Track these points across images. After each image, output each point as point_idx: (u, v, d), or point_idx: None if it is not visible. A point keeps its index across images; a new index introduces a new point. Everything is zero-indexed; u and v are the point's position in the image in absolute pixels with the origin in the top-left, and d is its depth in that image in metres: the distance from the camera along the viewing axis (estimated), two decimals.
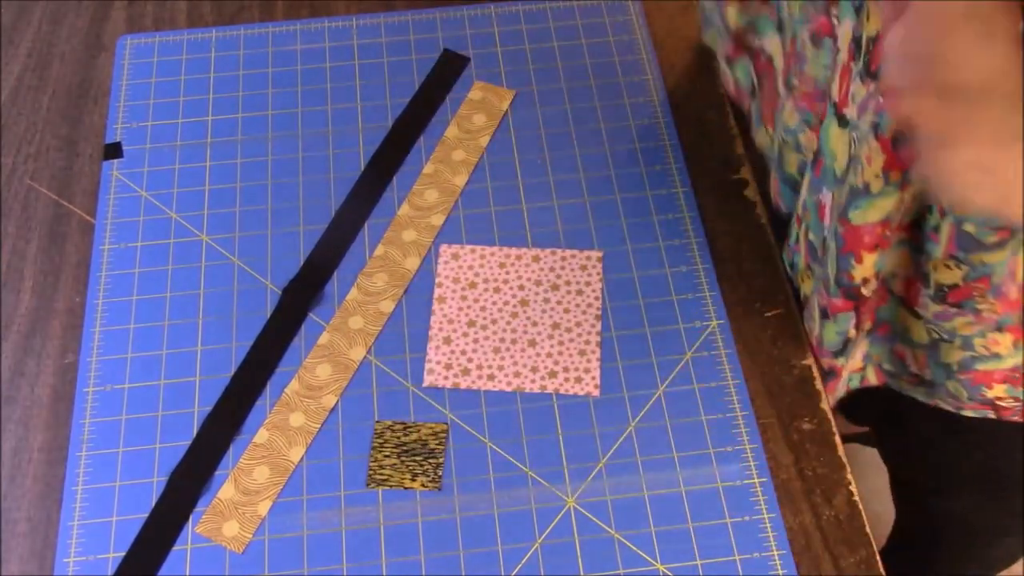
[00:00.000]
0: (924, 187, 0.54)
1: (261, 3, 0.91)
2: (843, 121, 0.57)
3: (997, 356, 0.61)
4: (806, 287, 0.69)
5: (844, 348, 0.66)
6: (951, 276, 0.57)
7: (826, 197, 0.61)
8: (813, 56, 0.62)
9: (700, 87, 0.85)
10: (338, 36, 0.88)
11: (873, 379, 0.70)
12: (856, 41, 0.54)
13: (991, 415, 0.65)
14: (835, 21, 0.57)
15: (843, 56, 0.56)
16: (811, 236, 0.65)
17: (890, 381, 0.70)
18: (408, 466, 0.67)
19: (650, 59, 0.86)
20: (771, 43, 0.69)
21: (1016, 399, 0.63)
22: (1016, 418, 0.65)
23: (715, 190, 0.79)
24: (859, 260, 0.58)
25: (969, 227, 0.53)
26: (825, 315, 0.65)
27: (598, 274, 0.75)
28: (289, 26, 0.89)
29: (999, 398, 0.63)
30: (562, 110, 0.83)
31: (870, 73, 0.53)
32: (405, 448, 0.68)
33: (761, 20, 0.70)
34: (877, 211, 0.56)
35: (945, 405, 0.67)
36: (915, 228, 0.58)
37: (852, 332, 0.64)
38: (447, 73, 0.86)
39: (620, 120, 0.83)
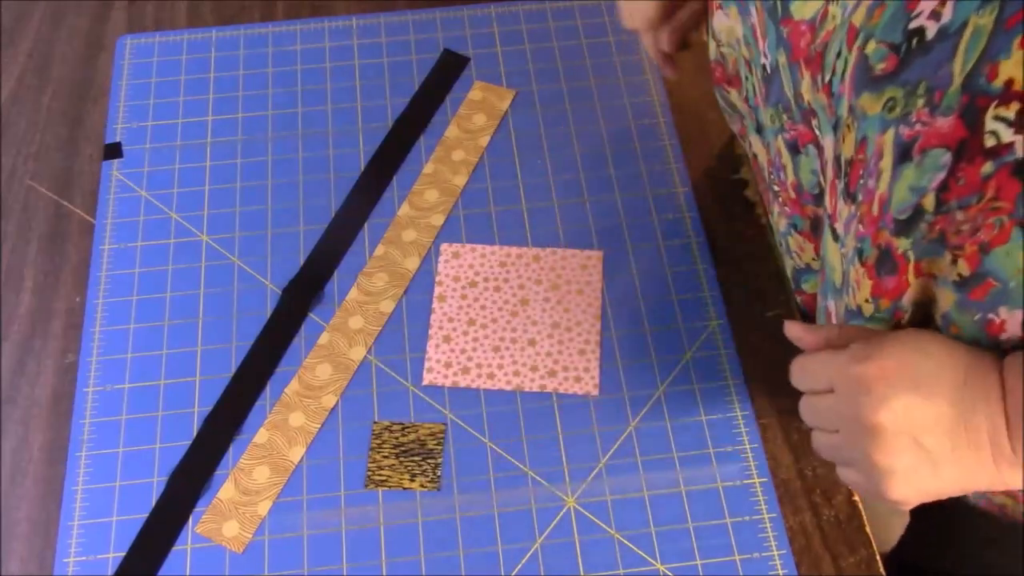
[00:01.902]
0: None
1: (261, 3, 0.91)
2: (835, 235, 0.56)
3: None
4: None
5: None
6: None
7: (831, 305, 0.60)
8: (792, 164, 0.60)
9: (700, 87, 0.85)
10: (338, 36, 0.88)
11: None
12: (837, 160, 0.53)
13: (996, 513, 0.64)
14: (817, 132, 0.55)
15: (829, 172, 0.55)
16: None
17: None
18: (407, 466, 0.67)
19: (650, 59, 0.86)
20: (755, 142, 0.68)
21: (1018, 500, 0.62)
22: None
23: (715, 190, 0.79)
24: None
25: None
26: None
27: (598, 274, 0.75)
28: (289, 26, 0.89)
29: (1006, 506, 0.62)
30: (562, 110, 0.83)
31: (849, 194, 0.51)
32: (403, 449, 0.68)
33: (746, 120, 0.69)
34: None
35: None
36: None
37: None
38: (447, 73, 0.86)
39: (620, 120, 0.83)
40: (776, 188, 0.64)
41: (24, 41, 0.89)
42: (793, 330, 0.55)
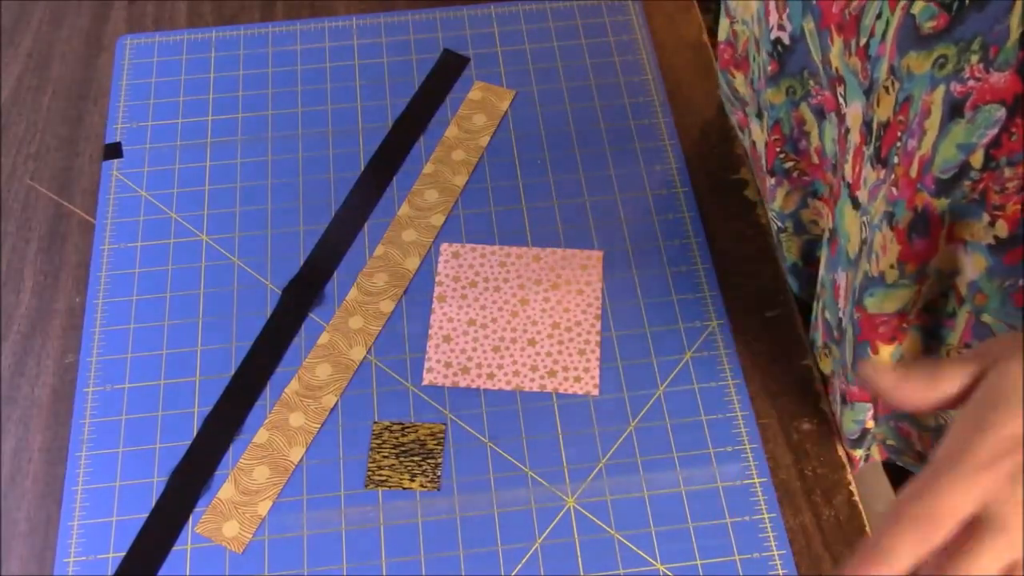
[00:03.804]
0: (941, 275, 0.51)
1: (261, 3, 0.91)
2: (856, 203, 0.56)
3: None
4: (824, 366, 0.68)
5: (861, 439, 0.64)
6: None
7: (841, 277, 0.59)
8: (818, 129, 0.59)
9: (700, 87, 0.85)
10: (338, 36, 0.88)
11: (877, 456, 0.68)
12: (867, 124, 0.52)
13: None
14: (841, 100, 0.55)
15: (855, 138, 0.54)
16: (827, 315, 0.64)
17: (892, 456, 0.68)
18: (406, 467, 0.67)
19: (650, 59, 0.86)
20: (755, 128, 0.68)
21: None
22: None
23: (715, 190, 0.79)
24: (875, 351, 0.56)
25: (987, 318, 0.50)
26: (844, 400, 0.63)
27: (598, 274, 0.75)
28: (289, 26, 0.89)
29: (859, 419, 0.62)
30: (562, 110, 0.83)
31: (880, 159, 0.51)
32: (403, 449, 0.68)
33: (748, 107, 0.69)
34: (893, 302, 0.53)
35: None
36: (928, 312, 0.55)
37: (869, 422, 0.63)
38: (447, 73, 0.86)
39: (620, 120, 0.83)
40: (792, 163, 0.63)
41: (24, 41, 0.89)
42: (884, 380, 0.41)
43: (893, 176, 0.50)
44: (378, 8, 0.90)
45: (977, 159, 0.45)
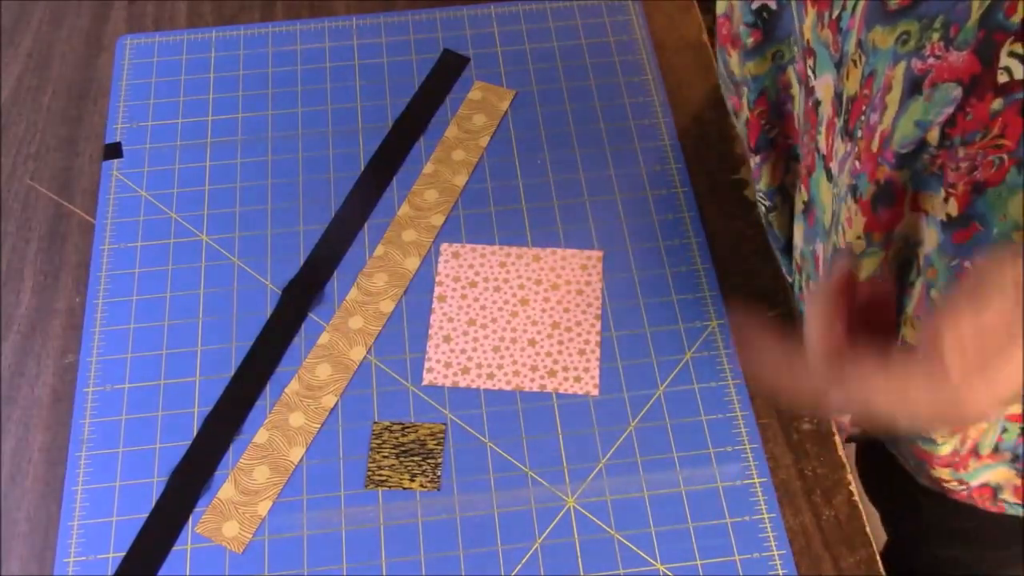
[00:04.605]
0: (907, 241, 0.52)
1: (261, 3, 0.91)
2: (830, 175, 0.56)
3: (932, 441, 0.59)
4: None
5: None
6: (914, 337, 0.55)
7: (819, 248, 0.60)
8: (801, 95, 0.60)
9: (700, 87, 0.85)
10: (338, 36, 0.88)
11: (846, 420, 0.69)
12: (838, 97, 0.52)
13: (942, 492, 0.64)
14: (811, 73, 0.56)
15: (826, 110, 0.55)
16: (812, 286, 0.64)
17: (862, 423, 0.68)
18: (407, 466, 0.67)
19: (650, 59, 0.86)
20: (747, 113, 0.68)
21: (961, 482, 0.62)
22: (966, 501, 0.63)
23: (715, 190, 0.79)
24: None
25: (934, 293, 0.51)
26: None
27: (598, 274, 0.75)
28: (289, 26, 0.89)
29: (944, 480, 0.62)
30: (562, 110, 0.83)
31: (848, 132, 0.51)
32: (403, 449, 0.68)
33: (742, 88, 0.69)
34: (862, 270, 0.54)
35: (906, 465, 0.66)
36: (898, 279, 0.56)
37: None
38: (447, 73, 0.86)
39: (620, 120, 0.83)
40: (776, 130, 0.63)
41: (24, 41, 0.89)
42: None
43: (856, 150, 0.50)
44: (378, 8, 0.90)
45: (933, 136, 0.45)
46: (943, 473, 0.62)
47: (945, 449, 0.59)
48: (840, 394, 0.43)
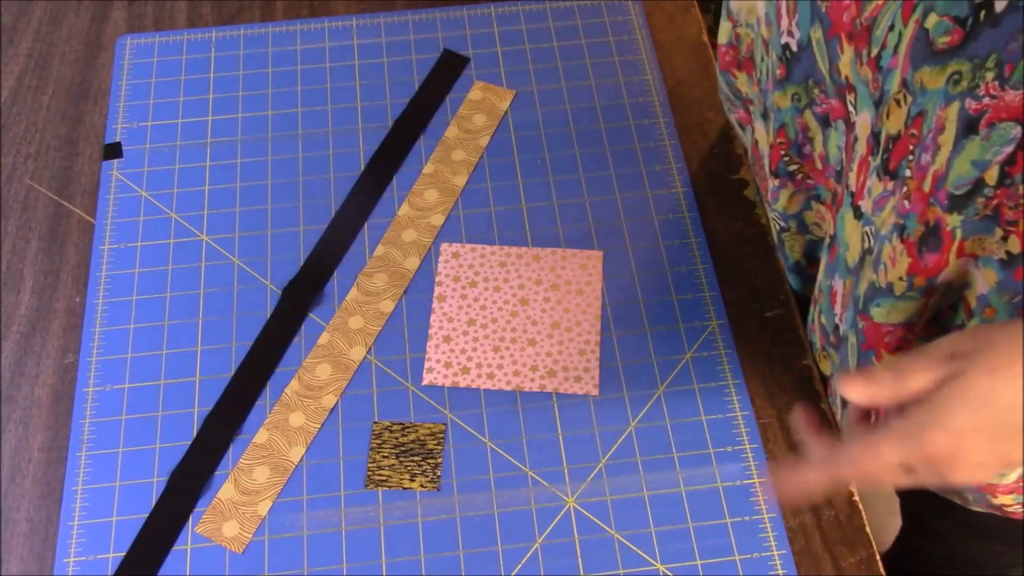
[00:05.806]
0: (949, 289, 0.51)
1: (261, 3, 0.91)
2: (858, 212, 0.55)
3: (1001, 473, 0.59)
4: (824, 367, 0.68)
5: None
6: None
7: (838, 284, 0.59)
8: (822, 136, 0.59)
9: (700, 87, 0.85)
10: (338, 36, 0.88)
11: None
12: (875, 136, 0.52)
13: (998, 514, 0.63)
14: (851, 108, 0.55)
15: (861, 148, 0.54)
16: (823, 320, 0.64)
17: None
18: (406, 466, 0.67)
19: (650, 59, 0.86)
20: (758, 127, 0.68)
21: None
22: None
23: (715, 190, 0.79)
24: (879, 359, 0.56)
25: None
26: (845, 404, 0.63)
27: (598, 274, 0.75)
28: (289, 26, 0.89)
29: (1006, 505, 0.62)
30: (562, 110, 0.83)
31: (888, 171, 0.51)
32: (403, 449, 0.68)
33: (752, 106, 0.69)
34: (900, 313, 0.53)
35: (952, 498, 0.65)
36: (935, 324, 0.54)
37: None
38: (447, 73, 0.86)
39: (620, 120, 0.83)
40: (796, 166, 0.63)
41: (24, 41, 0.89)
42: (854, 390, 0.46)
43: (905, 189, 0.50)
44: (378, 8, 0.90)
45: (992, 176, 0.45)
46: (1006, 500, 0.61)
47: (1011, 478, 0.59)
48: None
